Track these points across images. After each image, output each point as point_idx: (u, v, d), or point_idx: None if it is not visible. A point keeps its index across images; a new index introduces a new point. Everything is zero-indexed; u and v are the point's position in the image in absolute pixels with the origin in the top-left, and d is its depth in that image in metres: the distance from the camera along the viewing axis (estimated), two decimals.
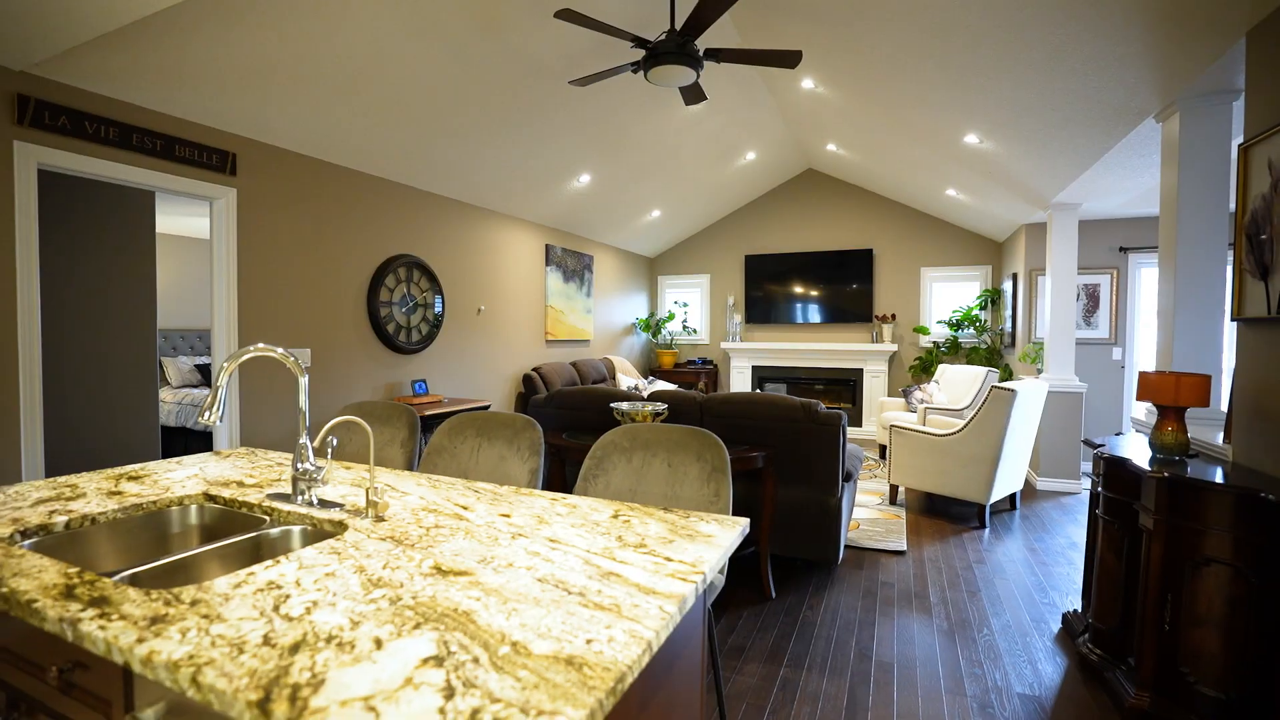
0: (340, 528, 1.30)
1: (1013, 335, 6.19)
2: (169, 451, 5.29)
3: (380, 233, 4.28)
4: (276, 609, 0.88)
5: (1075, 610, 2.59)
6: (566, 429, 3.49)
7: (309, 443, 1.46)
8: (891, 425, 4.48)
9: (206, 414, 1.35)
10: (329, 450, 1.43)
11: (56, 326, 3.52)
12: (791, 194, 7.87)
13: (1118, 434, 2.77)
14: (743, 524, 1.31)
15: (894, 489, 4.57)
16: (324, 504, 1.42)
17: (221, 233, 3.28)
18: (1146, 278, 5.48)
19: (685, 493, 1.66)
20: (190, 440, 5.42)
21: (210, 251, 3.30)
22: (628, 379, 6.90)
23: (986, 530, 4.00)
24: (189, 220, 6.26)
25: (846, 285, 7.60)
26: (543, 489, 1.78)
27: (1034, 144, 3.90)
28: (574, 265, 6.69)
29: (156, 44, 2.60)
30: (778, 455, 3.07)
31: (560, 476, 3.12)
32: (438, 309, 4.77)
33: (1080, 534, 3.92)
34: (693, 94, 3.52)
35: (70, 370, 3.60)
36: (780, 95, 5.21)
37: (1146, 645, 1.95)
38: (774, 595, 2.97)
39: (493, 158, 4.56)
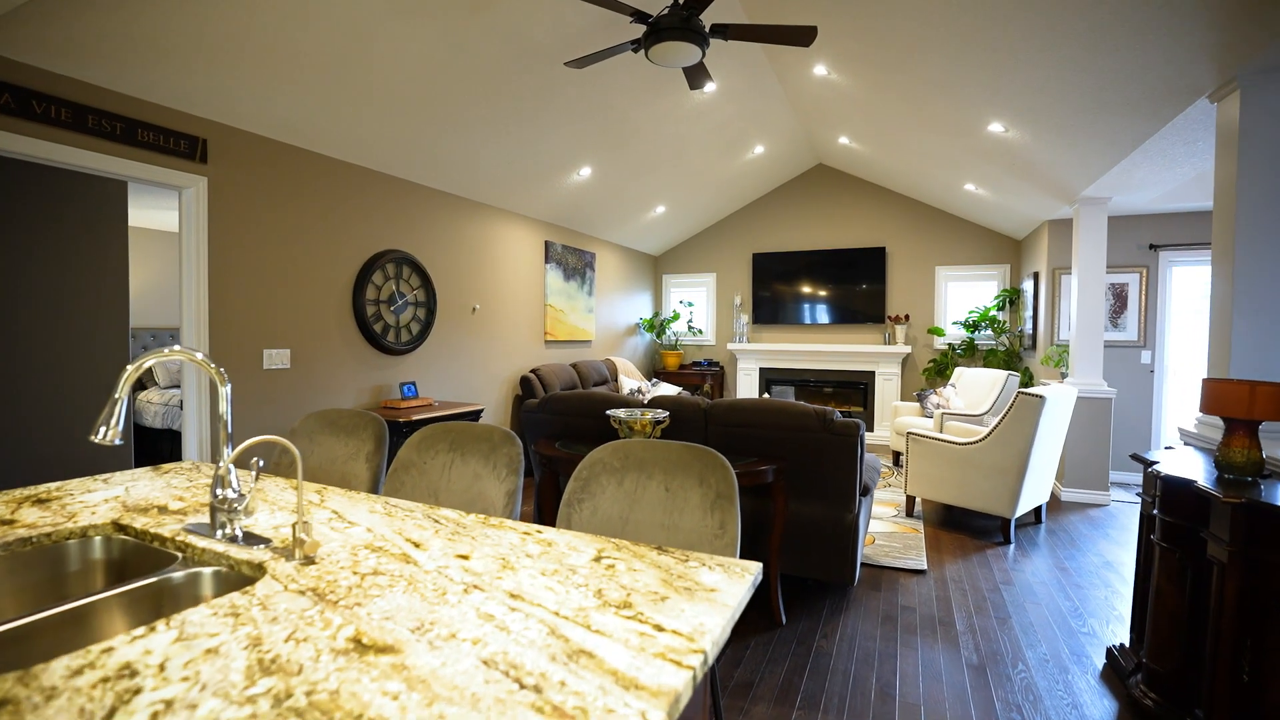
0: (258, 571, 1.06)
1: (1033, 337, 5.91)
2: (155, 457, 5.08)
3: (367, 227, 4.05)
4: (111, 718, 0.64)
5: (1122, 645, 2.32)
6: (561, 437, 3.25)
7: (231, 466, 1.22)
8: (909, 433, 4.22)
9: (100, 431, 1.10)
10: (255, 471, 1.19)
11: (6, 324, 3.31)
12: (801, 190, 7.61)
13: (1168, 447, 2.50)
14: (754, 572, 1.06)
15: (911, 500, 4.30)
16: (250, 538, 1.18)
17: (191, 224, 3.06)
18: (1179, 277, 5.19)
19: (685, 522, 1.41)
20: (177, 443, 5.21)
21: (179, 245, 3.08)
22: (630, 381, 6.65)
23: (1011, 546, 3.73)
24: (175, 214, 6.06)
25: (858, 285, 7.33)
26: (535, 505, 1.55)
27: (1066, 131, 3.63)
28: (575, 263, 6.45)
29: (112, 14, 2.37)
30: (789, 468, 2.81)
31: (553, 490, 2.88)
32: (429, 308, 4.54)
33: (1114, 551, 3.65)
34: (698, 76, 3.27)
35: (22, 371, 3.38)
36: (790, 83, 4.95)
37: (1219, 697, 1.69)
38: (784, 621, 2.71)
39: (487, 148, 4.32)
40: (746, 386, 7.75)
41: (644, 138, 5.00)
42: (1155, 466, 2.08)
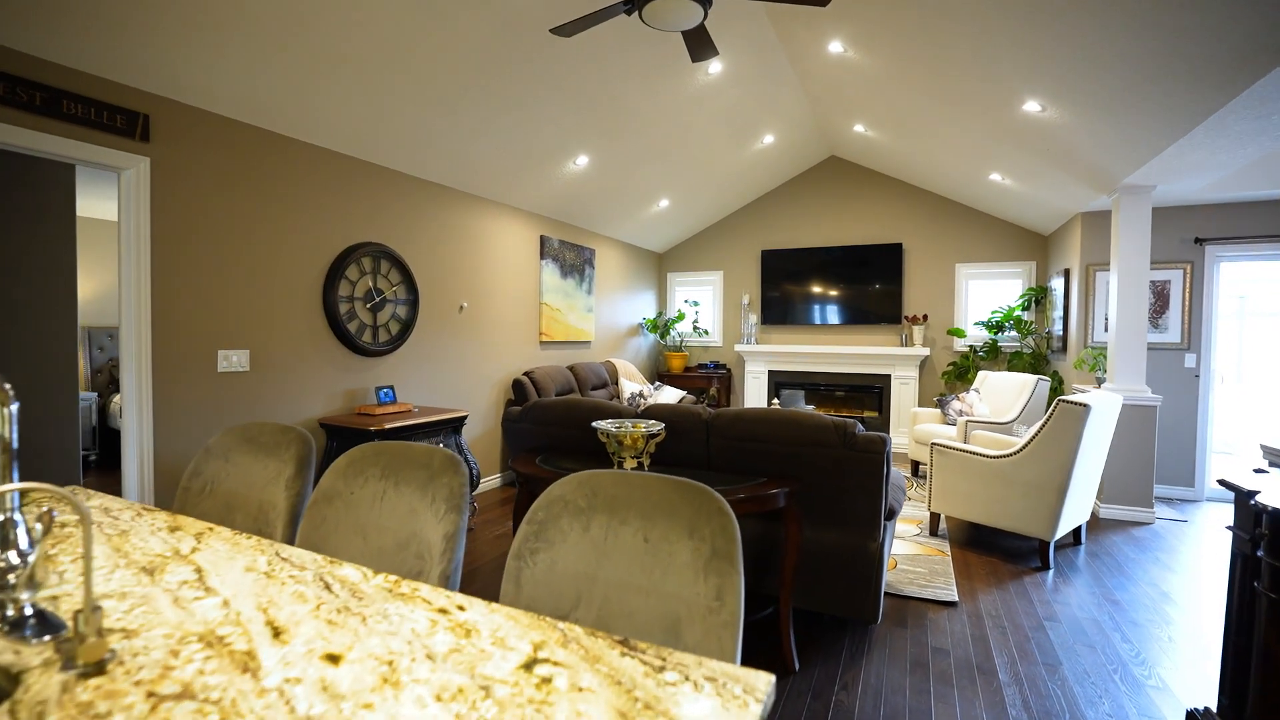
0: (10, 685, 0.71)
1: (1063, 339, 5.50)
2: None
3: (340, 217, 3.71)
4: None
5: (1208, 710, 1.94)
6: (547, 450, 2.89)
7: (18, 516, 0.87)
8: (934, 443, 3.83)
9: None
10: (43, 524, 0.84)
11: None
12: (813, 184, 7.22)
13: (1259, 470, 2.11)
14: (763, 697, 0.69)
15: (935, 517, 3.91)
16: (41, 623, 0.83)
17: (131, 210, 2.73)
18: (1227, 273, 4.77)
19: (670, 585, 1.05)
20: None
21: (118, 233, 2.75)
22: (631, 385, 6.29)
23: (1050, 573, 3.33)
24: None
25: (873, 283, 6.94)
26: (513, 529, 1.20)
27: (1114, 107, 3.24)
28: (573, 259, 6.10)
29: None
30: (803, 490, 2.44)
31: None
32: (411, 305, 4.20)
33: (1169, 580, 3.24)
34: (700, 45, 2.90)
35: None
36: (803, 64, 4.58)
37: None
38: (797, 668, 2.34)
39: (474, 132, 3.98)
40: (755, 390, 7.37)
41: (645, 124, 4.64)
42: (1257, 498, 1.69)
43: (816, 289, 7.20)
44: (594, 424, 2.34)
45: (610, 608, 1.09)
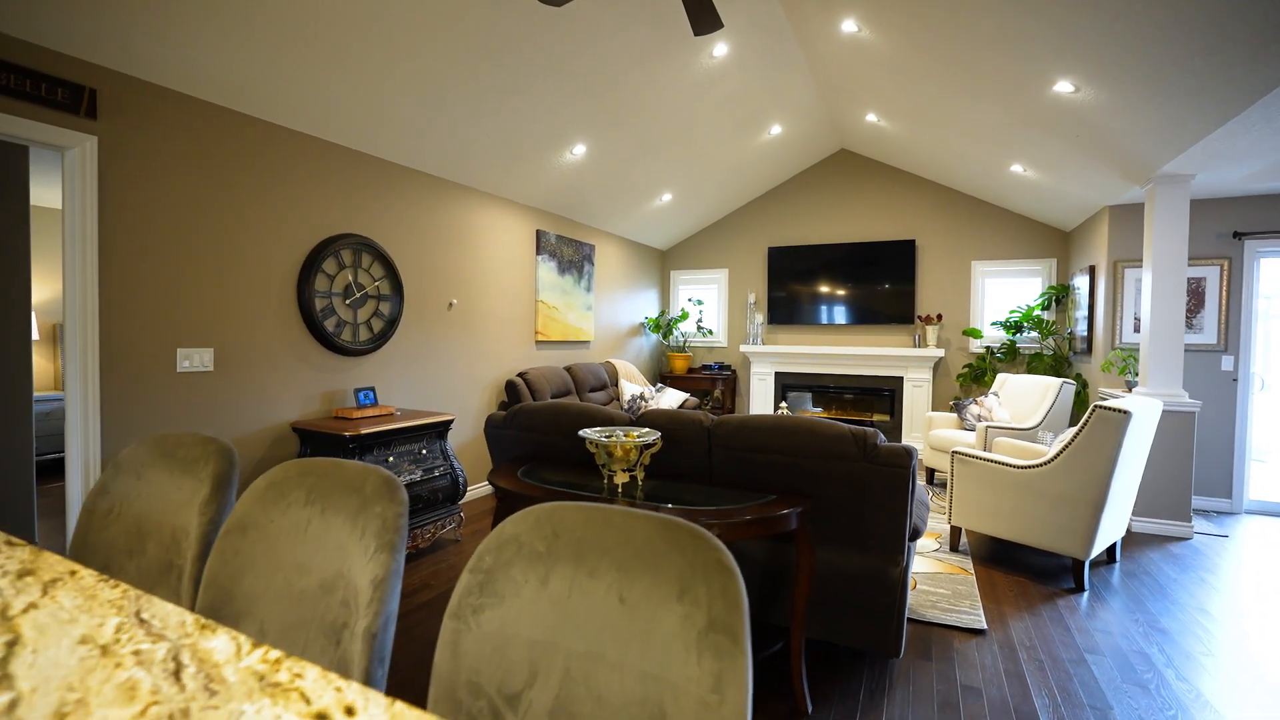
0: None
1: (1088, 340, 5.20)
2: None
3: (317, 207, 3.46)
4: None
5: None
6: (530, 460, 2.63)
7: None
8: (955, 452, 3.55)
9: None
10: None
11: None
12: (822, 178, 6.94)
13: None
14: None
15: (956, 532, 3.63)
16: None
17: (76, 193, 2.48)
18: (1268, 270, 4.46)
19: (652, 663, 0.78)
20: None
21: (61, 219, 2.50)
22: (632, 386, 6.03)
23: (1085, 595, 3.05)
24: None
25: (884, 281, 6.65)
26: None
27: (1159, 84, 2.95)
28: (571, 255, 5.83)
29: None
30: (818, 507, 2.17)
31: None
32: (395, 302, 3.94)
33: (1217, 602, 2.95)
34: (702, 13, 2.63)
35: None
36: (813, 46, 4.31)
37: None
38: (810, 709, 2.07)
39: (465, 118, 3.72)
40: (761, 392, 7.09)
41: (646, 112, 4.37)
42: None
43: (825, 287, 6.92)
44: (581, 433, 2.08)
45: (574, 688, 0.82)
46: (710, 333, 7.56)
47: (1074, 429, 3.26)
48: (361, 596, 1.03)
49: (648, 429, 2.17)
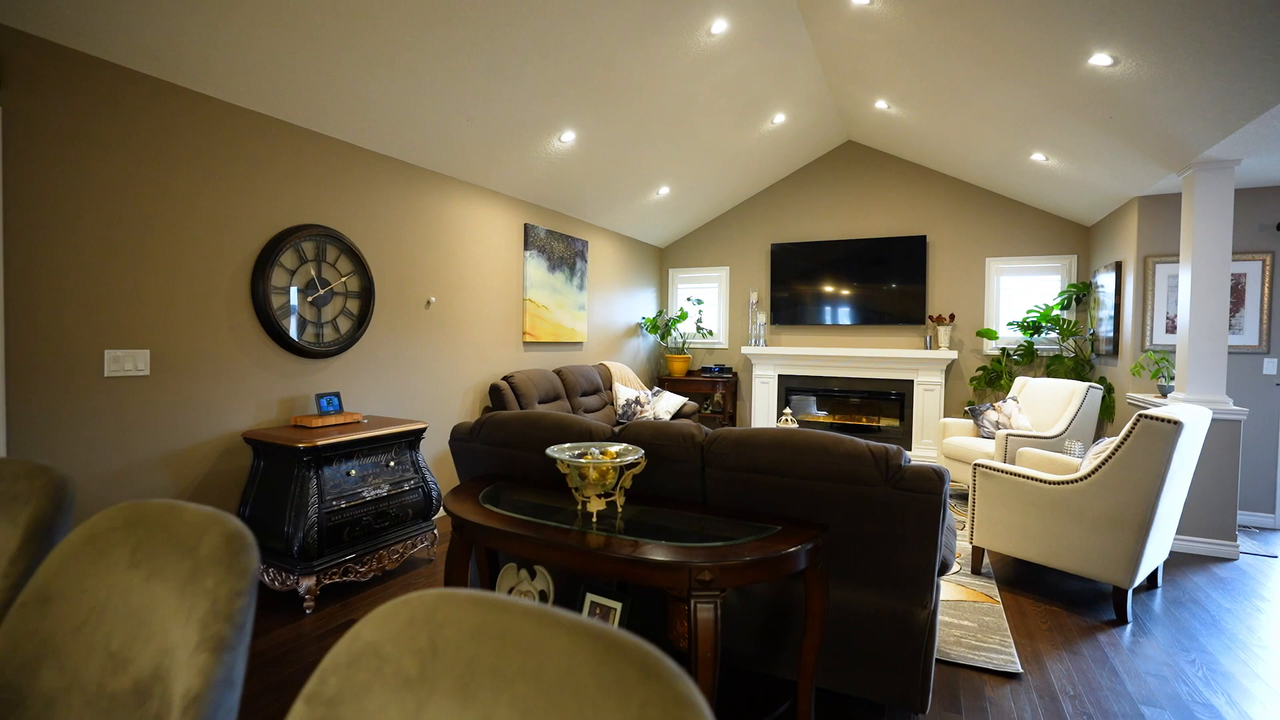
0: None
1: (1113, 341, 4.85)
2: None
3: (274, 194, 3.15)
4: None
5: None
6: (499, 478, 2.30)
7: None
8: (976, 464, 3.21)
9: None
10: None
11: None
12: (828, 171, 6.61)
13: None
14: None
15: (978, 553, 3.29)
16: None
17: None
18: None
19: None
20: None
21: None
22: (627, 390, 5.70)
23: (1129, 628, 2.70)
24: None
25: (893, 280, 6.31)
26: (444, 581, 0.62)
27: (1214, 51, 2.62)
28: (562, 251, 5.51)
29: None
30: (831, 538, 1.84)
31: (465, 567, 1.92)
32: (364, 300, 3.62)
33: (1278, 634, 2.61)
34: None
35: None
36: (819, 25, 3.98)
37: None
38: None
39: (442, 100, 3.40)
40: (763, 396, 6.76)
41: (641, 96, 4.05)
42: None
43: (831, 286, 6.58)
44: (549, 452, 1.75)
45: None
46: (710, 334, 7.23)
47: (1112, 440, 2.92)
48: (173, 710, 0.70)
49: (629, 445, 1.84)
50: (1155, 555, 2.85)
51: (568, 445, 1.83)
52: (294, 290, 3.24)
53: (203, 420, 2.86)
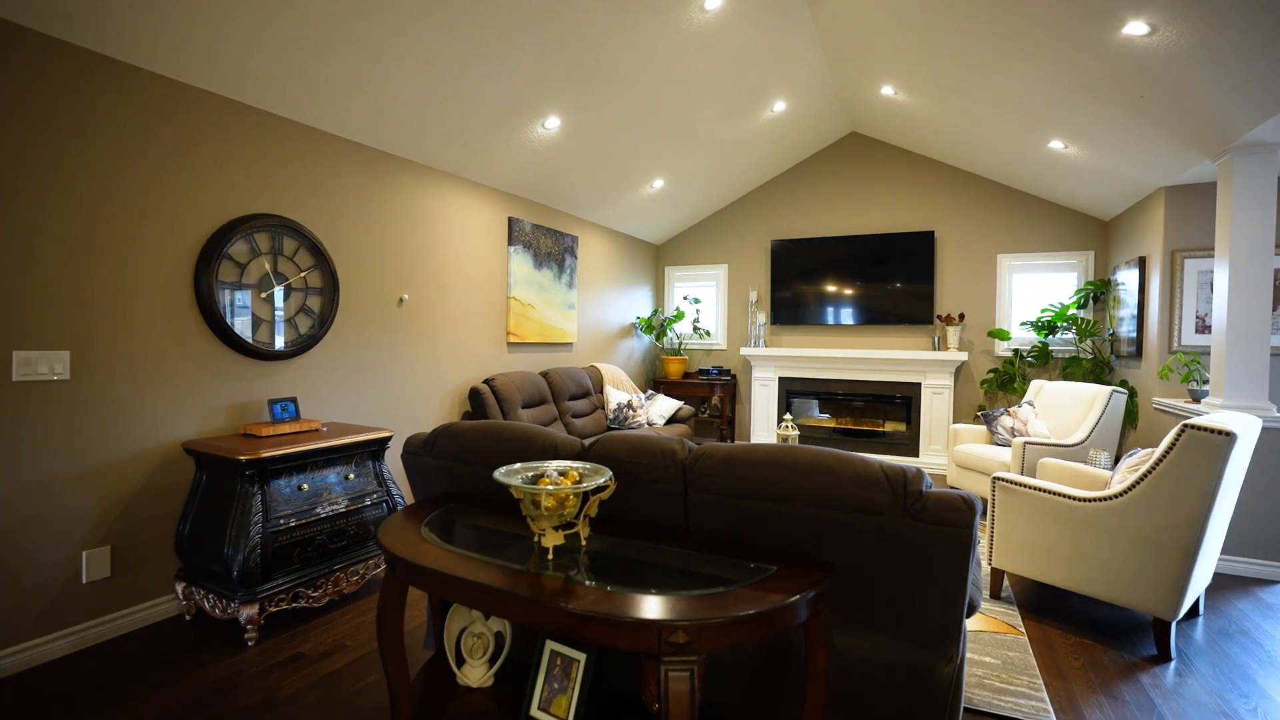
0: None
1: (1136, 342, 4.55)
2: None
3: (224, 180, 2.86)
4: None
5: None
6: (455, 499, 2.00)
7: None
8: (996, 478, 2.91)
9: None
10: None
11: None
12: (831, 164, 6.31)
13: None
14: None
15: (998, 575, 2.99)
16: None
17: None
18: None
19: None
20: None
21: None
22: (619, 394, 5.40)
23: (1172, 666, 2.40)
24: None
25: (900, 278, 6.01)
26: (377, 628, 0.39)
27: (1266, 17, 2.31)
28: (550, 247, 5.22)
29: None
30: (836, 577, 1.54)
31: (400, 609, 1.62)
32: (327, 296, 3.33)
33: None
34: None
35: None
36: (821, 3, 3.68)
37: None
38: None
39: (414, 81, 3.11)
40: (763, 399, 6.46)
41: (631, 78, 3.75)
42: None
43: (834, 285, 6.28)
44: (496, 475, 1.44)
45: None
46: (708, 334, 6.93)
47: (1147, 451, 2.62)
48: None
49: (595, 465, 1.54)
50: (1199, 581, 2.55)
51: (519, 466, 1.53)
52: (246, 286, 2.95)
53: (136, 429, 2.57)
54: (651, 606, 1.19)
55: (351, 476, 2.92)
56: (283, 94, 2.95)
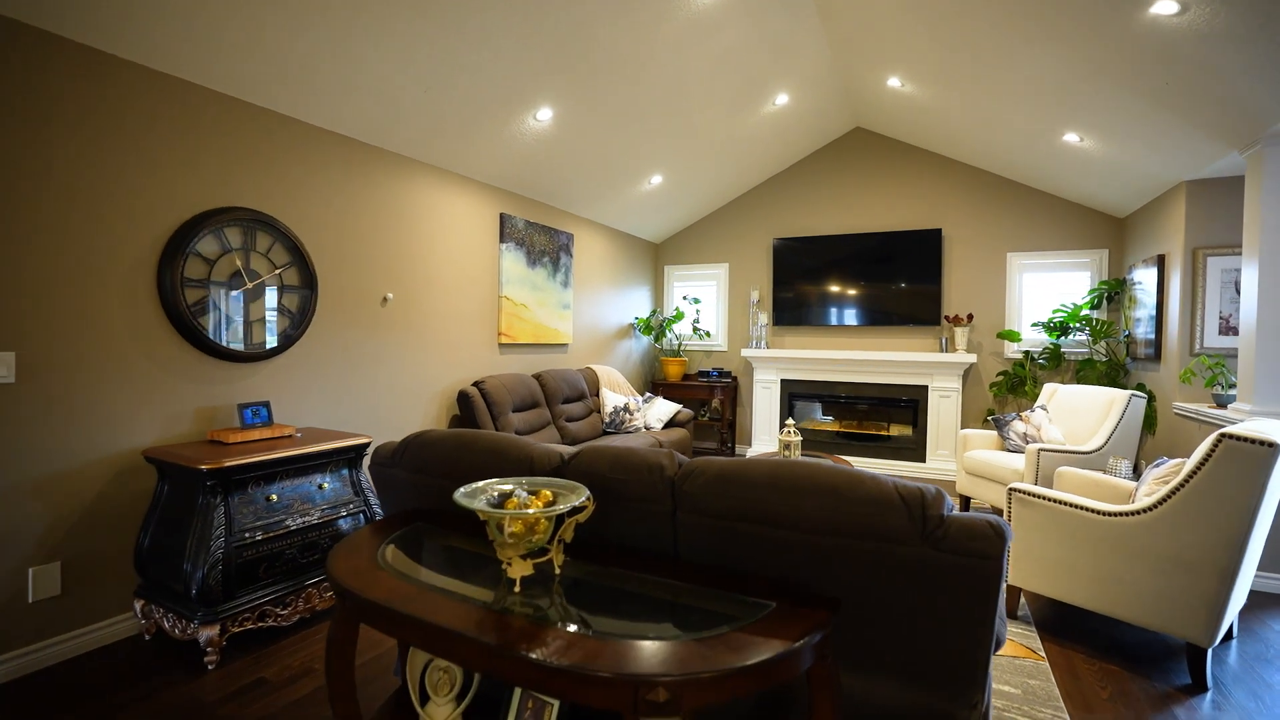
0: None
1: (1155, 343, 4.35)
2: None
3: (191, 172, 2.69)
4: None
5: None
6: (424, 516, 1.82)
7: None
8: (1012, 489, 2.72)
9: None
10: None
11: None
12: (834, 160, 6.13)
13: None
14: None
15: (1013, 593, 2.80)
16: None
17: None
18: None
19: None
20: None
21: None
22: (615, 396, 5.22)
23: (1209, 696, 2.21)
24: None
25: (906, 278, 5.81)
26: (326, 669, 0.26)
27: None
28: (544, 244, 5.04)
29: None
30: (844, 612, 1.35)
31: (349, 648, 1.45)
32: (304, 295, 3.16)
33: None
34: None
35: None
36: None
37: None
38: None
39: (398, 64, 2.93)
40: (765, 401, 6.27)
41: (627, 68, 3.57)
42: None
43: (838, 285, 6.09)
44: (456, 497, 1.26)
45: None
46: (708, 335, 6.75)
47: (1177, 461, 2.43)
48: None
49: (571, 483, 1.36)
50: (1235, 603, 2.35)
51: (483, 485, 1.35)
52: (215, 283, 2.78)
53: (91, 435, 2.40)
54: (627, 657, 1.00)
55: (326, 486, 2.75)
56: (255, 80, 2.78)
